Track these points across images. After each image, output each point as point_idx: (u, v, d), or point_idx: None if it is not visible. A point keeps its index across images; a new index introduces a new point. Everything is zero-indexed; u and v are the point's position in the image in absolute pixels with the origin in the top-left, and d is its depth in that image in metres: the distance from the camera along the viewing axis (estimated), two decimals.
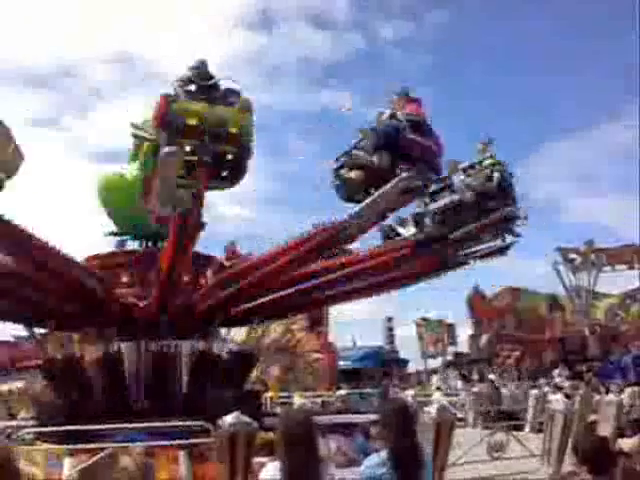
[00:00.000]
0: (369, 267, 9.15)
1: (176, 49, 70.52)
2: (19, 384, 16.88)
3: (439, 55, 74.35)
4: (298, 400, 14.38)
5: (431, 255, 9.18)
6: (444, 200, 8.64)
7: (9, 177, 7.33)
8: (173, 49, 68.50)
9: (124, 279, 9.83)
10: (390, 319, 36.24)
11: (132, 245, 10.86)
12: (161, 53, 75.60)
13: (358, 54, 74.00)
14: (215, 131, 6.89)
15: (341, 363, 25.61)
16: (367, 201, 7.81)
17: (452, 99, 71.37)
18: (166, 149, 6.58)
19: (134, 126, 8.60)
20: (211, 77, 7.13)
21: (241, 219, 60.61)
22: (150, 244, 10.72)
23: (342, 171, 8.36)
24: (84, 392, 8.98)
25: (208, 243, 10.77)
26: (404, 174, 7.56)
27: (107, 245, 10.93)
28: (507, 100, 72.81)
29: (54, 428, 6.61)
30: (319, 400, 15.42)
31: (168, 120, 6.68)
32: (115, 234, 10.76)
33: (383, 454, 4.10)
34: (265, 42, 72.60)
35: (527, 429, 9.88)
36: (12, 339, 20.81)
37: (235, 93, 7.22)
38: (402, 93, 8.36)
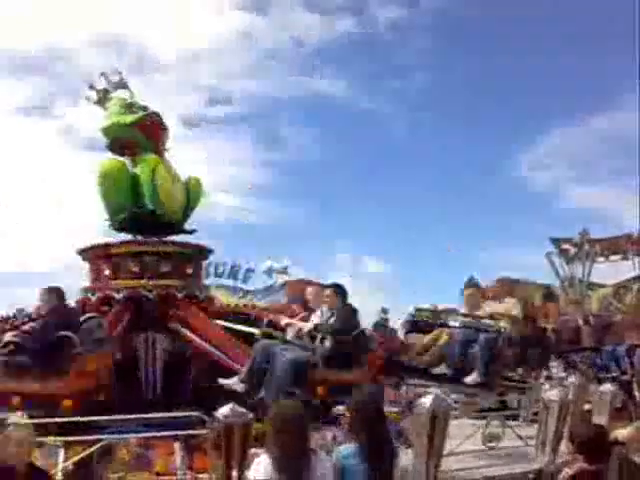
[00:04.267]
0: None
1: (169, 31, 70.00)
2: None
3: (436, 41, 73.93)
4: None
5: None
6: None
7: None
8: (166, 31, 67.89)
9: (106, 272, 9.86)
10: (385, 310, 36.21)
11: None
12: (154, 36, 74.96)
13: (352, 38, 73.38)
14: None
15: None
16: None
17: (449, 86, 71.24)
18: None
19: None
20: None
21: (232, 208, 60.65)
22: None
23: None
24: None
25: (199, 233, 10.89)
26: None
27: (105, 235, 10.88)
28: (505, 87, 72.70)
29: (49, 420, 6.58)
30: None
31: None
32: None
33: (354, 445, 4.10)
34: (256, 25, 71.92)
35: (521, 419, 9.91)
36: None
37: None
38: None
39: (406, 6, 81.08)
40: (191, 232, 10.77)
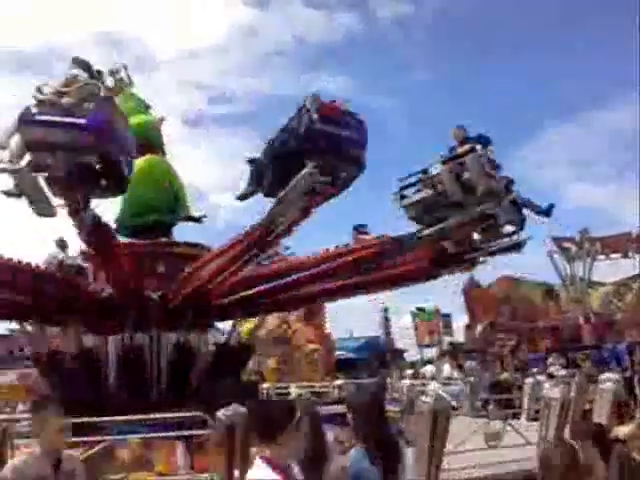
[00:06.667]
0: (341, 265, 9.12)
1: (171, 28, 69.69)
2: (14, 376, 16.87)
3: (438, 37, 73.69)
4: (295, 391, 14.42)
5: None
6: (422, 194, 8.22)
7: None
8: (168, 29, 67.72)
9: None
10: (386, 309, 36.29)
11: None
12: (155, 34, 74.72)
13: (354, 35, 73.02)
14: None
15: (337, 353, 25.64)
16: (279, 196, 7.38)
17: (450, 82, 71.02)
18: None
19: None
20: None
21: (236, 207, 60.53)
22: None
23: None
24: (100, 384, 9.01)
25: (203, 232, 10.84)
26: (307, 170, 6.92)
27: None
28: (505, 83, 72.56)
29: None
30: (316, 390, 15.44)
31: None
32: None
33: (361, 447, 4.02)
34: (259, 23, 71.70)
35: (523, 417, 9.93)
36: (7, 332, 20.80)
37: None
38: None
39: (409, 2, 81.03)
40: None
